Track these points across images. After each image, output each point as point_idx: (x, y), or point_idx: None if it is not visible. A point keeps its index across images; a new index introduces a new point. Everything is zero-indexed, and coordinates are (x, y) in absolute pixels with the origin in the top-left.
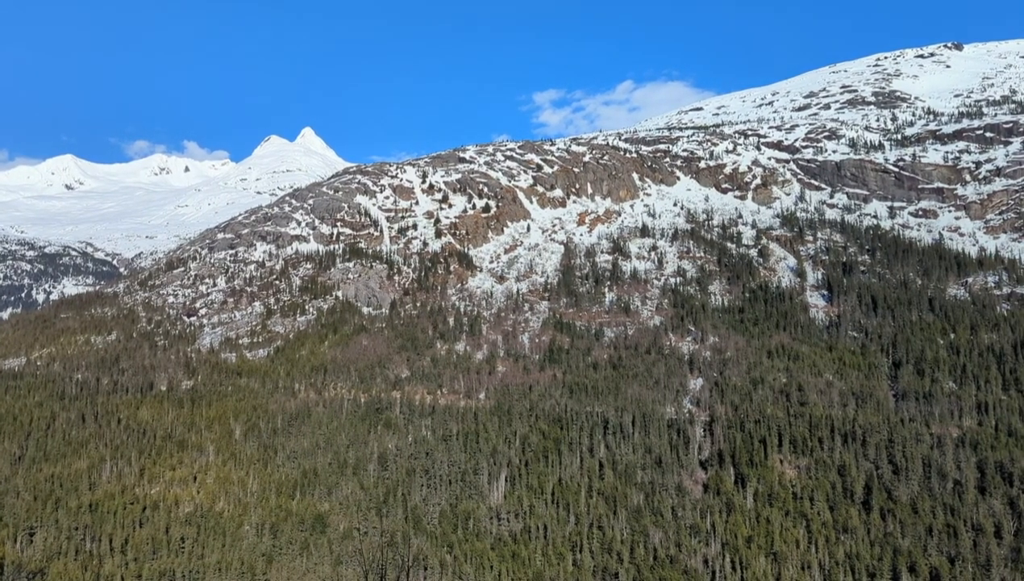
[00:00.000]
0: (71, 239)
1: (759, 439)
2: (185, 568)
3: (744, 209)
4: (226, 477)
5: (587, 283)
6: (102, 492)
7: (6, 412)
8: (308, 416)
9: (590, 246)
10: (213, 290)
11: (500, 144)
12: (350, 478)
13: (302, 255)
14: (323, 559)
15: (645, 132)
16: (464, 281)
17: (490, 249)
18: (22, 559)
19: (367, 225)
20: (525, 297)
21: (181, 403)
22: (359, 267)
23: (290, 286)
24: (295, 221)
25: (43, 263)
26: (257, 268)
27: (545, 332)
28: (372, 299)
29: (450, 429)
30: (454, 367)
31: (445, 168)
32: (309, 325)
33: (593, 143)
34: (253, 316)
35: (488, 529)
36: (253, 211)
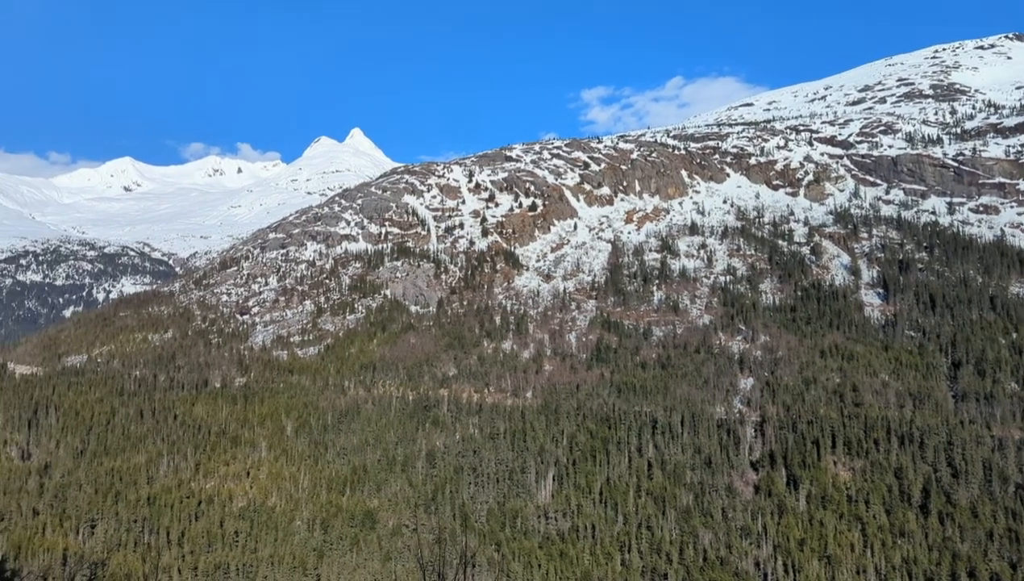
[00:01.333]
0: (129, 239)
1: (812, 440)
2: (239, 561)
3: (796, 206)
4: (278, 473)
5: (635, 282)
6: (159, 486)
7: (69, 407)
8: (357, 413)
9: (638, 244)
10: (265, 289)
11: (547, 142)
12: (399, 475)
13: (351, 254)
14: (373, 555)
15: (694, 129)
16: (511, 280)
17: (536, 248)
18: (84, 550)
19: (415, 224)
20: (572, 296)
21: (234, 400)
22: (407, 266)
23: (340, 285)
24: (344, 221)
25: (103, 263)
26: (308, 267)
27: (592, 331)
28: (420, 298)
29: (497, 427)
30: (501, 366)
31: (492, 167)
32: (358, 323)
33: (641, 140)
34: (304, 314)
35: (536, 528)
36: (303, 211)
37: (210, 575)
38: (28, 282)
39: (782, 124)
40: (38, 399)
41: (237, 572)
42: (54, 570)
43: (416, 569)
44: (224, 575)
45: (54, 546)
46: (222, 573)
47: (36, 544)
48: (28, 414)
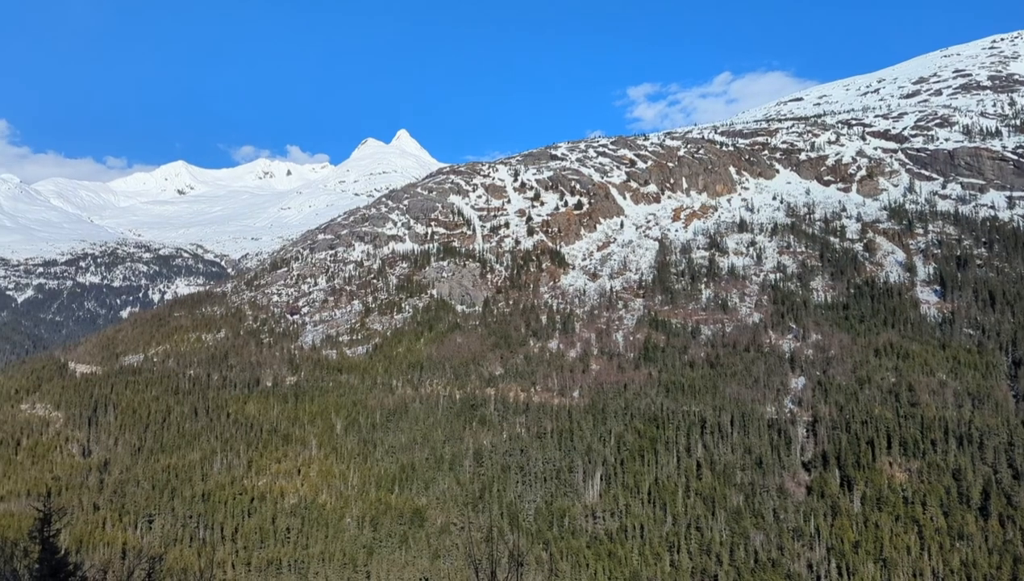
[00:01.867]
0: (183, 241)
1: (866, 441)
2: (291, 558)
3: (848, 202)
4: (328, 470)
5: (683, 280)
6: (213, 483)
7: (127, 406)
8: (405, 412)
9: (686, 242)
10: (314, 289)
11: (592, 140)
12: (446, 473)
13: (398, 254)
14: (421, 553)
15: (742, 124)
16: (556, 279)
17: (582, 246)
18: (142, 545)
19: (460, 224)
20: (619, 295)
21: (285, 398)
22: (453, 266)
23: (387, 285)
24: (391, 221)
25: (158, 265)
26: (356, 267)
27: (640, 330)
28: (466, 297)
29: (544, 427)
30: (547, 365)
31: (537, 166)
32: (405, 323)
33: (688, 137)
34: (352, 314)
35: (583, 527)
36: (351, 212)
37: (263, 571)
38: (87, 284)
39: (833, 118)
40: (98, 397)
41: (289, 568)
42: (114, 564)
43: (464, 567)
44: (276, 571)
45: (114, 540)
46: (274, 569)
47: (97, 538)
48: (88, 412)
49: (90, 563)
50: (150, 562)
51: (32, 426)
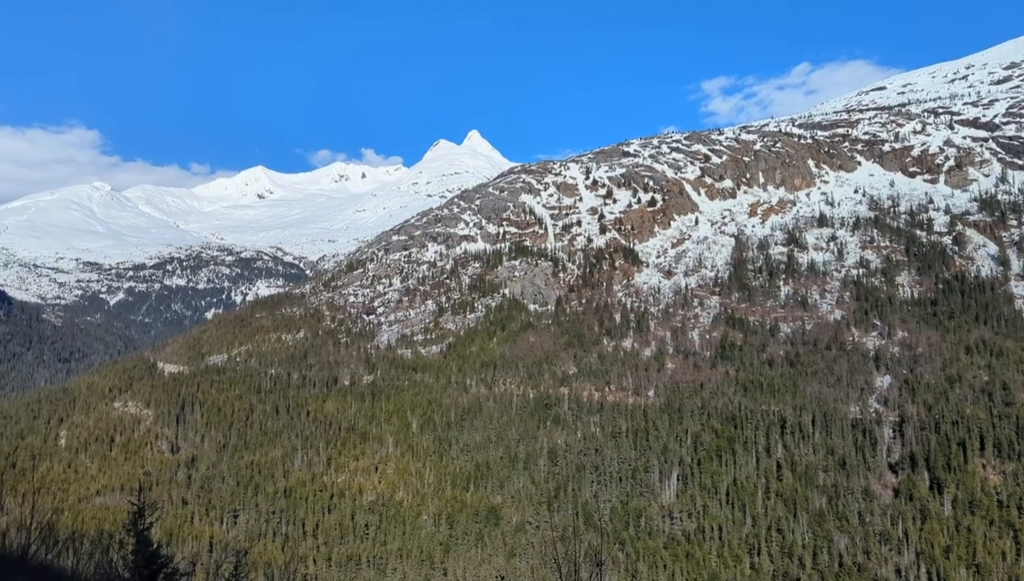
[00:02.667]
0: (263, 244)
1: (957, 442)
2: (369, 553)
3: (935, 193)
4: (405, 468)
5: (760, 277)
6: (295, 479)
7: (212, 404)
8: (479, 411)
9: (763, 238)
10: (389, 289)
11: (665, 136)
12: (521, 472)
13: (470, 254)
14: (497, 551)
15: (821, 116)
16: (630, 277)
17: (656, 244)
18: (228, 539)
19: (532, 223)
20: (694, 292)
21: (362, 397)
22: (525, 265)
23: (460, 285)
24: (463, 222)
25: (240, 267)
26: (429, 268)
27: (716, 328)
28: (538, 296)
29: (619, 426)
30: (621, 364)
31: (609, 163)
32: (478, 322)
33: (764, 130)
34: (426, 314)
35: (660, 528)
36: (424, 213)
37: (343, 566)
38: (174, 286)
39: (919, 107)
40: (185, 396)
41: (368, 564)
42: (201, 556)
43: (540, 566)
44: (356, 566)
45: (201, 534)
46: (354, 565)
47: (185, 532)
48: (176, 410)
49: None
50: (236, 556)
51: (124, 423)
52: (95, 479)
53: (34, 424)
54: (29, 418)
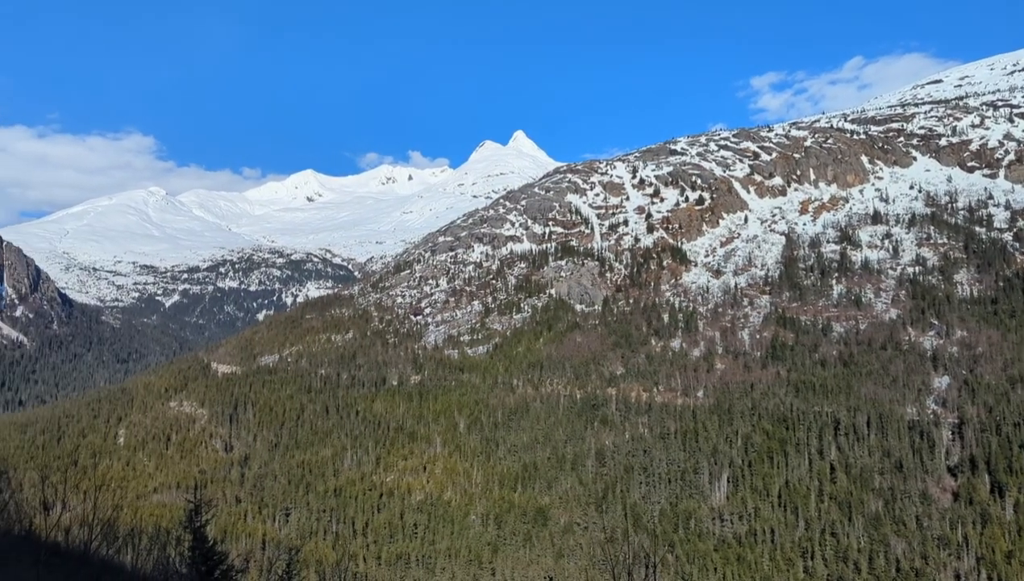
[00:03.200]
0: (313, 246)
1: (1020, 444)
2: (418, 552)
3: (995, 189)
4: (452, 468)
5: (812, 275)
6: (344, 478)
7: (264, 404)
8: (526, 411)
9: (814, 236)
10: (436, 290)
11: (713, 133)
12: (569, 473)
13: (516, 255)
14: (545, 551)
15: (874, 111)
16: (678, 276)
17: (705, 242)
18: (280, 536)
19: (578, 223)
20: (744, 291)
21: (410, 397)
22: (571, 265)
23: (506, 285)
24: (509, 222)
25: (290, 269)
26: (475, 268)
27: (766, 328)
28: (585, 296)
29: (667, 427)
30: (670, 364)
31: (656, 161)
32: (525, 322)
33: (815, 126)
34: (473, 314)
35: (710, 530)
36: (470, 214)
37: (392, 565)
38: (227, 288)
39: (977, 100)
40: (237, 396)
41: (417, 563)
42: (255, 554)
43: (589, 567)
44: (405, 565)
45: (254, 531)
46: (403, 563)
47: (239, 529)
48: (229, 409)
49: (235, 553)
50: (289, 554)
51: (180, 422)
52: (152, 477)
53: (94, 423)
54: (90, 417)
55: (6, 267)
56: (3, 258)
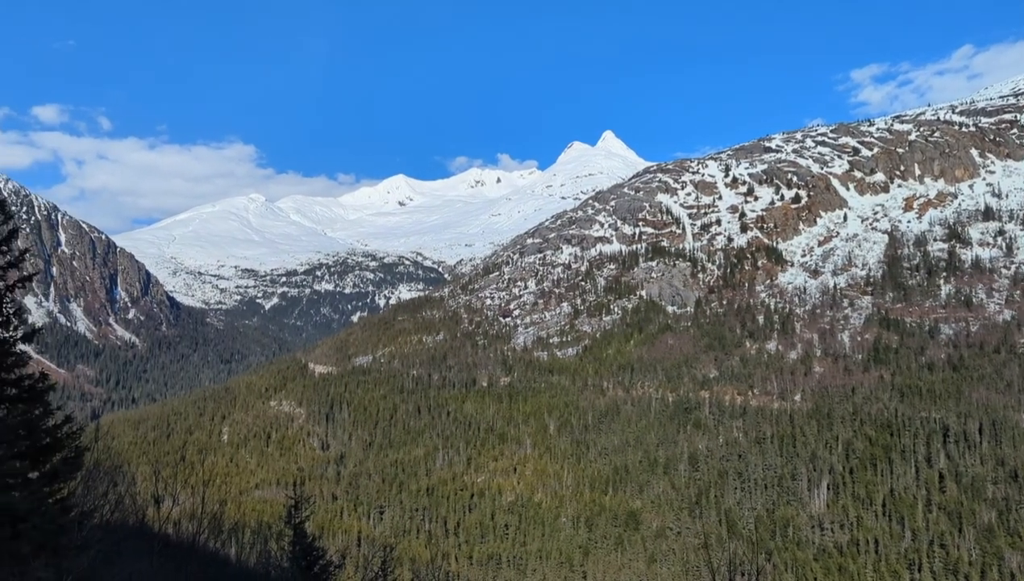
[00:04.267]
0: (404, 250)
1: None
2: (509, 553)
3: None
4: (543, 470)
5: (917, 275)
6: (436, 478)
7: (358, 403)
8: (617, 414)
9: (920, 234)
10: (525, 292)
11: (810, 129)
12: (661, 477)
13: (605, 256)
14: (637, 556)
15: (985, 101)
16: (773, 277)
17: (801, 242)
18: (375, 534)
19: (669, 223)
20: (844, 292)
21: (500, 398)
22: (662, 266)
23: (595, 286)
24: (598, 223)
25: (383, 272)
26: (564, 270)
27: (868, 330)
28: (676, 298)
29: (763, 431)
30: (765, 367)
31: (749, 159)
32: (614, 324)
33: (920, 119)
34: (561, 316)
35: (809, 538)
36: (558, 216)
37: (484, 565)
38: (323, 291)
39: None
40: (333, 396)
41: (508, 563)
42: (350, 550)
43: (682, 573)
44: (496, 565)
45: (350, 529)
46: (494, 564)
47: (336, 526)
48: (326, 409)
49: (333, 549)
50: (384, 551)
51: (279, 421)
52: (254, 473)
53: (200, 421)
54: (196, 415)
55: (120, 272)
56: (117, 263)
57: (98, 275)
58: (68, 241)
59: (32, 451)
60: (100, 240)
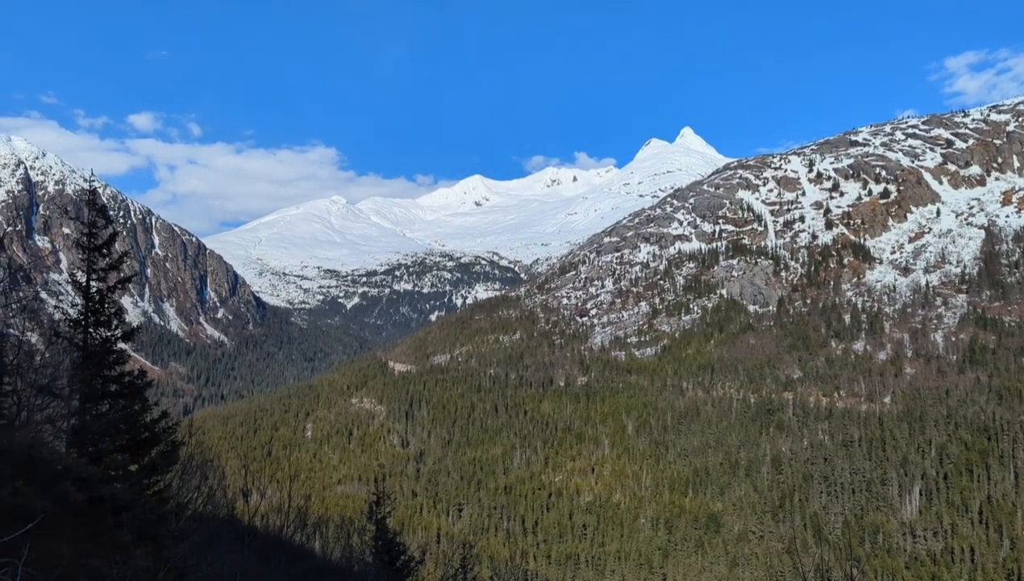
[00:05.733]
0: (481, 250)
1: None
2: (588, 553)
3: None
4: (621, 470)
5: (1017, 272)
6: (514, 477)
7: (437, 402)
8: (697, 415)
9: (1019, 229)
10: (602, 291)
11: (900, 121)
12: (742, 479)
13: (684, 254)
14: (719, 559)
15: None
16: (860, 274)
17: (890, 238)
18: (454, 531)
19: (750, 220)
20: (936, 290)
21: (577, 398)
22: (743, 264)
23: (674, 285)
24: (677, 221)
25: (460, 272)
26: (642, 269)
27: (963, 329)
28: (758, 297)
29: (851, 434)
30: (852, 368)
31: (834, 154)
32: (694, 324)
33: (1020, 108)
34: (639, 316)
35: (900, 546)
36: (636, 214)
37: (562, 565)
38: (402, 291)
39: None
40: (412, 394)
41: (586, 564)
42: (430, 547)
43: (765, 578)
44: (575, 565)
45: (429, 525)
46: (572, 563)
47: (416, 522)
48: (405, 406)
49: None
50: (463, 548)
51: (361, 418)
52: (336, 469)
53: (285, 417)
54: (281, 411)
55: (209, 273)
56: (207, 265)
57: (189, 276)
58: (161, 244)
59: (132, 445)
60: (191, 242)
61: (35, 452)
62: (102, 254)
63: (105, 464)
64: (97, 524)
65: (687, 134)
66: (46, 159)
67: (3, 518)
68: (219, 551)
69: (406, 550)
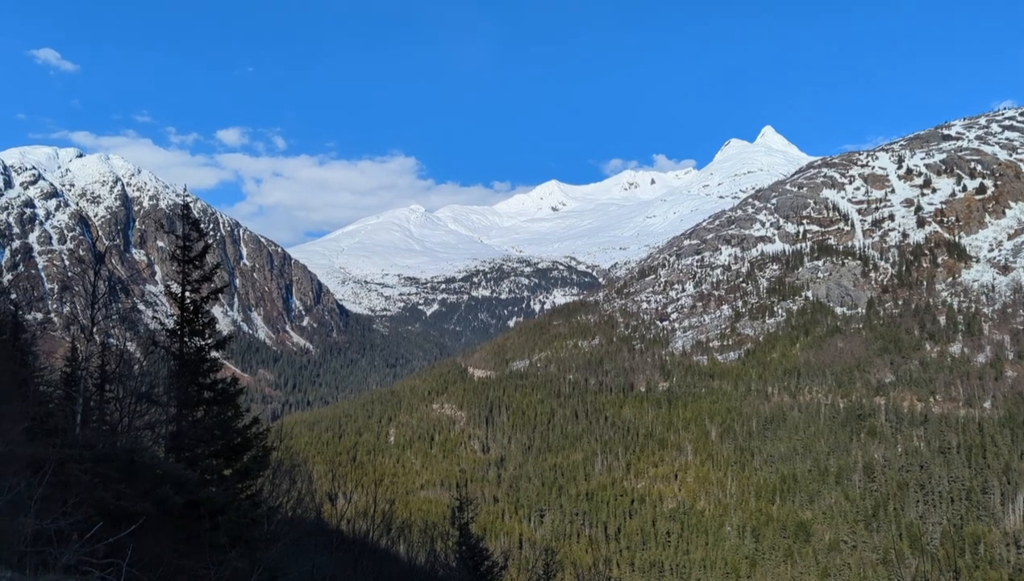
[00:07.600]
0: (558, 255)
1: None
2: (672, 561)
3: None
4: (705, 477)
5: None
6: (595, 483)
7: (516, 407)
8: (783, 420)
9: None
10: (682, 295)
11: (996, 113)
12: (832, 487)
13: (767, 256)
14: (809, 569)
15: None
16: (956, 274)
17: (988, 235)
18: (536, 537)
19: (836, 220)
20: None
21: (659, 403)
22: (829, 265)
23: (757, 288)
24: (758, 222)
25: (537, 277)
26: (723, 272)
27: None
28: (845, 298)
29: (948, 441)
30: (949, 371)
31: (925, 149)
32: (778, 327)
33: None
34: (721, 319)
35: (1004, 557)
36: (716, 216)
37: (646, 572)
38: (480, 297)
39: None
40: (492, 399)
41: (671, 571)
42: (512, 552)
43: None
44: (659, 573)
45: (511, 531)
46: (656, 571)
47: (497, 527)
48: (485, 412)
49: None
50: (546, 554)
51: (442, 424)
52: (419, 474)
53: (369, 423)
54: (365, 417)
55: (294, 282)
56: (292, 274)
57: (275, 286)
58: (249, 254)
59: (226, 450)
60: (276, 253)
61: (136, 457)
62: (195, 266)
63: (201, 469)
64: (194, 527)
65: (768, 133)
66: (141, 176)
67: (107, 520)
68: (308, 554)
69: (489, 555)
